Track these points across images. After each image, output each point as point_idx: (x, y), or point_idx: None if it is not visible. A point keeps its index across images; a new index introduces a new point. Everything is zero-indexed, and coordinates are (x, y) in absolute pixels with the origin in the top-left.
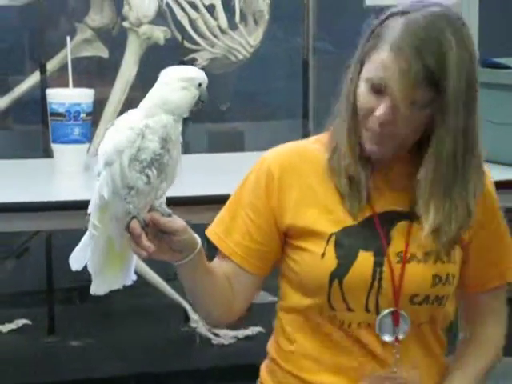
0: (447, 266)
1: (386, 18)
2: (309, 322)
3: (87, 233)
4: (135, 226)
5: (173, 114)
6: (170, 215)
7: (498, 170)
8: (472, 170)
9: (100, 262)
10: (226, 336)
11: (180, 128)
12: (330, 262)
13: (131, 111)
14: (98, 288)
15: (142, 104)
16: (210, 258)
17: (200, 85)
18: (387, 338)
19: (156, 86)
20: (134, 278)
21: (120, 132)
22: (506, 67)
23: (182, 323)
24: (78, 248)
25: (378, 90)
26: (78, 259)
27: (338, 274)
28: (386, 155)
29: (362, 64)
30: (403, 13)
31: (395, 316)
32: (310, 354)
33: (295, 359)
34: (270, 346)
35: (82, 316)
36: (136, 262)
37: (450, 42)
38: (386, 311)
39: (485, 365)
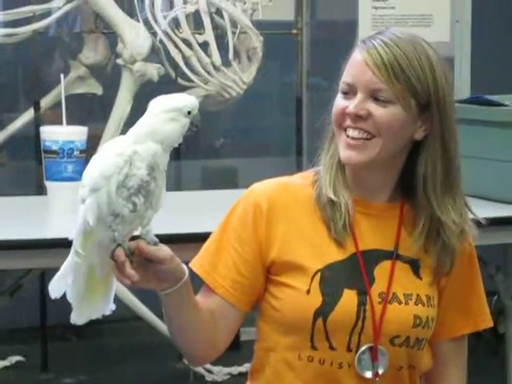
0: (427, 309)
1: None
2: (287, 364)
3: (67, 260)
4: (120, 253)
5: (162, 143)
6: (156, 244)
7: (491, 207)
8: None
9: (81, 290)
10: (220, 373)
11: (168, 158)
12: (315, 299)
13: (118, 137)
14: (78, 317)
15: (130, 131)
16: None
17: (189, 112)
18: (367, 374)
19: (145, 115)
20: (113, 307)
21: (107, 158)
22: (499, 104)
23: (175, 360)
24: (57, 276)
25: (349, 92)
26: (57, 287)
27: (323, 312)
28: (361, 163)
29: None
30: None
31: (373, 352)
32: None
33: None
34: None
35: (76, 353)
36: (131, 299)
37: (424, 48)
38: (364, 347)
39: None
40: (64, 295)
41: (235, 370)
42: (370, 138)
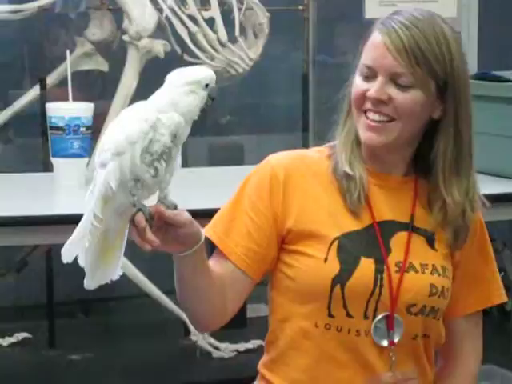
0: (443, 279)
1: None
2: (303, 333)
3: (80, 225)
4: (140, 218)
5: (184, 116)
6: (175, 207)
7: (498, 183)
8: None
9: (95, 255)
10: (227, 349)
11: (189, 130)
12: (333, 266)
13: (139, 103)
14: (91, 282)
15: (151, 100)
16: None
17: (207, 85)
18: (383, 342)
19: (165, 87)
20: (121, 272)
21: (132, 123)
22: (506, 80)
23: (182, 337)
24: (70, 240)
25: (370, 75)
26: (69, 252)
27: (340, 279)
28: (382, 145)
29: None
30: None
31: (389, 320)
32: (304, 370)
33: (289, 376)
34: (262, 364)
35: (83, 329)
36: (137, 275)
37: (442, 27)
38: (380, 316)
39: None
40: (72, 265)
41: (242, 346)
42: (390, 121)
